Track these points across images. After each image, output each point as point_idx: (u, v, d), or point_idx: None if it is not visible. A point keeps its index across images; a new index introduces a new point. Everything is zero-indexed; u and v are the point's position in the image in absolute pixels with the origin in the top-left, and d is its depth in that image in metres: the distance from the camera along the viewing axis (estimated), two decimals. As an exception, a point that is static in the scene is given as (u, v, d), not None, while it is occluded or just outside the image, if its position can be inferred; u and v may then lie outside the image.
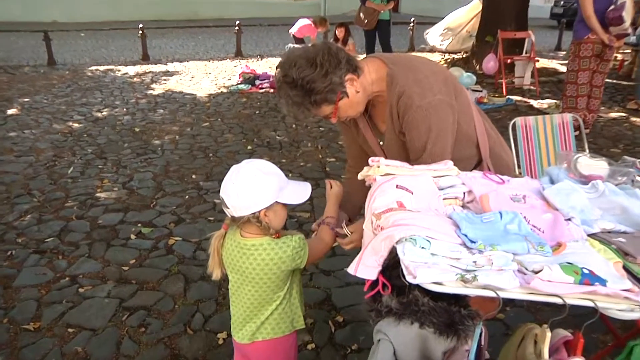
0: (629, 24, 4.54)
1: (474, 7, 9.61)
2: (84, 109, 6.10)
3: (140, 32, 9.57)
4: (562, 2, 16.71)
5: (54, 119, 5.69)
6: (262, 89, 7.30)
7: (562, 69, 8.39)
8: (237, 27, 10.27)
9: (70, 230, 3.19)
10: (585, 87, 4.84)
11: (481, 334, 1.07)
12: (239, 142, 4.98)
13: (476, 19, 9.09)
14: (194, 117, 5.84)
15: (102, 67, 8.83)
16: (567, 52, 7.88)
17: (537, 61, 7.32)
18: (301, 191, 1.45)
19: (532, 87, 7.15)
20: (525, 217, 1.16)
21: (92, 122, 5.57)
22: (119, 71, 8.56)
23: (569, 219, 1.17)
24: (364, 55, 3.38)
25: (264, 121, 5.71)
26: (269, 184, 1.36)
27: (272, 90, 7.14)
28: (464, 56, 9.19)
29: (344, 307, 2.44)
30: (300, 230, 3.11)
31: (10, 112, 5.94)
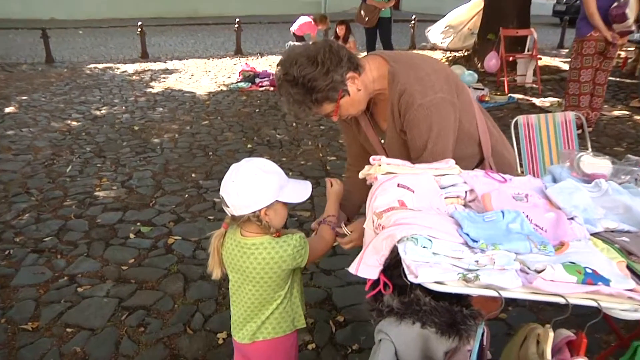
0: (632, 21, 4.51)
1: (475, 4, 9.60)
2: (82, 107, 6.08)
3: (139, 29, 9.56)
4: (564, 0, 16.67)
5: (52, 117, 5.67)
6: (262, 87, 7.29)
7: (564, 66, 8.35)
8: (237, 25, 10.26)
9: (68, 229, 3.18)
10: (588, 85, 4.81)
11: (483, 334, 1.07)
12: (238, 140, 4.97)
13: (478, 17, 9.08)
14: (193, 116, 5.82)
15: (100, 65, 8.81)
16: (569, 50, 7.85)
17: (540, 59, 7.31)
18: (302, 190, 1.44)
19: (534, 85, 7.13)
20: (527, 216, 1.16)
21: (90, 121, 5.55)
22: (118, 69, 8.54)
23: (572, 218, 1.16)
24: (365, 53, 3.37)
25: (264, 119, 5.69)
26: (269, 183, 1.35)
27: (272, 88, 7.13)
28: (466, 54, 9.17)
29: (345, 307, 2.43)
30: (300, 229, 3.10)
31: (7, 110, 5.92)
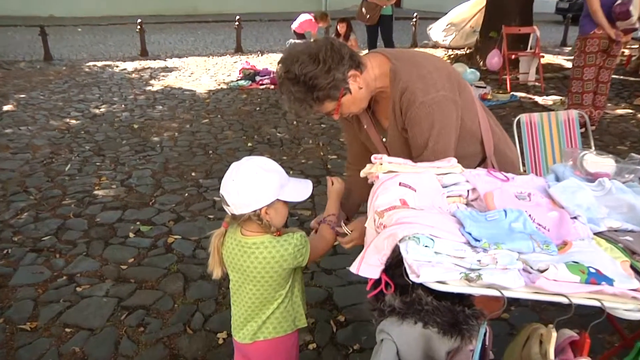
0: (636, 19, 4.48)
1: (477, 2, 9.58)
2: (81, 106, 6.07)
3: (138, 27, 9.54)
4: (567, -3, 16.62)
5: (50, 115, 5.66)
6: (262, 85, 7.28)
7: (567, 64, 8.31)
8: (237, 23, 10.24)
9: (67, 228, 3.17)
10: (591, 84, 4.79)
11: (485, 334, 1.06)
12: (239, 139, 4.96)
13: (480, 14, 9.04)
14: (193, 114, 5.81)
15: (99, 63, 8.79)
16: (572, 48, 7.79)
17: (542, 57, 7.28)
18: (302, 189, 1.43)
19: (537, 83, 7.09)
20: (530, 215, 1.15)
21: (89, 119, 5.54)
22: (117, 67, 8.53)
23: (575, 217, 1.15)
24: (366, 51, 3.37)
25: (265, 118, 5.68)
26: (269, 182, 1.35)
27: (272, 86, 7.12)
28: (468, 52, 9.14)
29: (346, 307, 2.43)
30: (301, 228, 3.08)
31: (6, 108, 5.91)
